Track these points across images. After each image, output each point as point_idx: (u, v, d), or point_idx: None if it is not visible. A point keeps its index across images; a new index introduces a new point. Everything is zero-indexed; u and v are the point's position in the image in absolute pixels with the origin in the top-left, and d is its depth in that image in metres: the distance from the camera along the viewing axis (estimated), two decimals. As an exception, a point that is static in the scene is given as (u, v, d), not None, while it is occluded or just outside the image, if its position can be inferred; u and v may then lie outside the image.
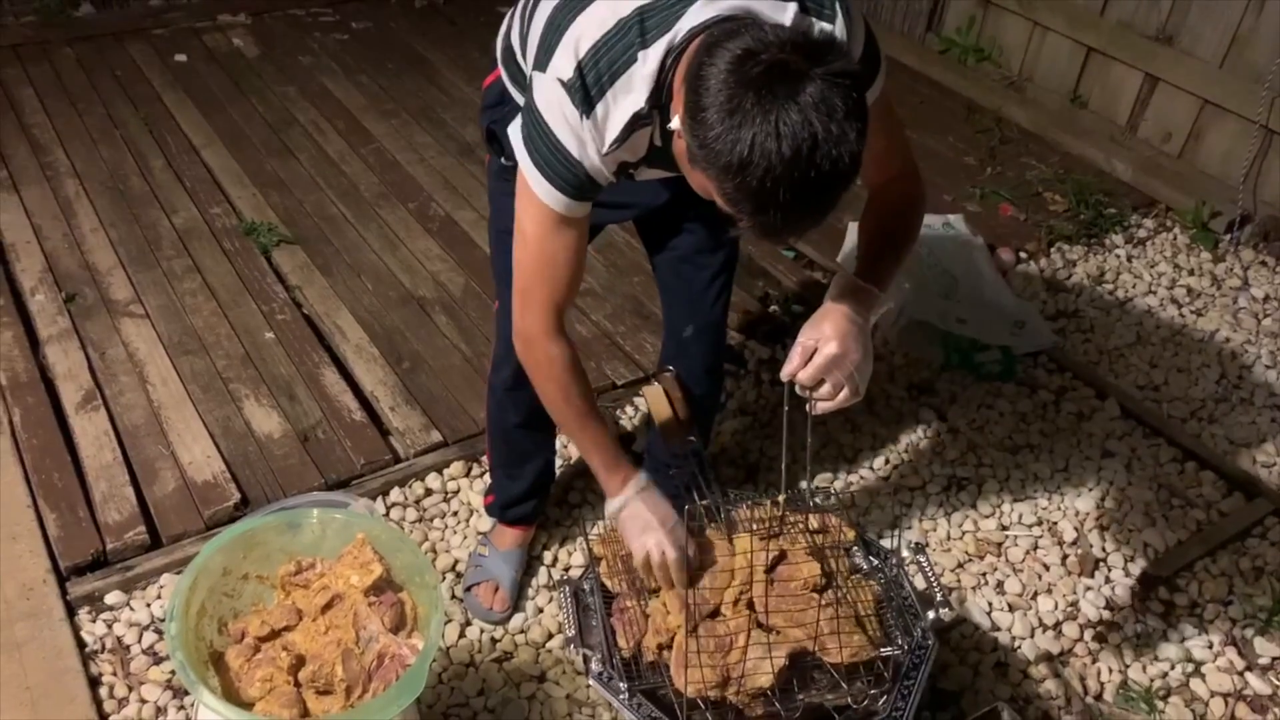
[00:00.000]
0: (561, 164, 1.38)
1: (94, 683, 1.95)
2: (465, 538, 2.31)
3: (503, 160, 1.74)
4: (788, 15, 1.29)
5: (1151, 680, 2.10)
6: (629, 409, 2.63)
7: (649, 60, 1.28)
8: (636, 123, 1.33)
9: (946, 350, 2.83)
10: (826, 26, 1.33)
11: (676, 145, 1.30)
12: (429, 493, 2.40)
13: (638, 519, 1.59)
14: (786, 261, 3.19)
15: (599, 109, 1.33)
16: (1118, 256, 3.36)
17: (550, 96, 1.35)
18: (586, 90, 1.32)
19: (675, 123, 1.24)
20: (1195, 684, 2.10)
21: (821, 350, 1.43)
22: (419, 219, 3.28)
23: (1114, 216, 3.52)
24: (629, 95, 1.31)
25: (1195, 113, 3.62)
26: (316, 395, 2.58)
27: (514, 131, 1.46)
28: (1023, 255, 3.31)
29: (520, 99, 1.58)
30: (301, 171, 3.49)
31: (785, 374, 1.46)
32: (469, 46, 4.38)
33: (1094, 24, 3.85)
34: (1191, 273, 3.32)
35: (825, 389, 1.45)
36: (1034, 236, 3.39)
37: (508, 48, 1.62)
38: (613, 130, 1.34)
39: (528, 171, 1.42)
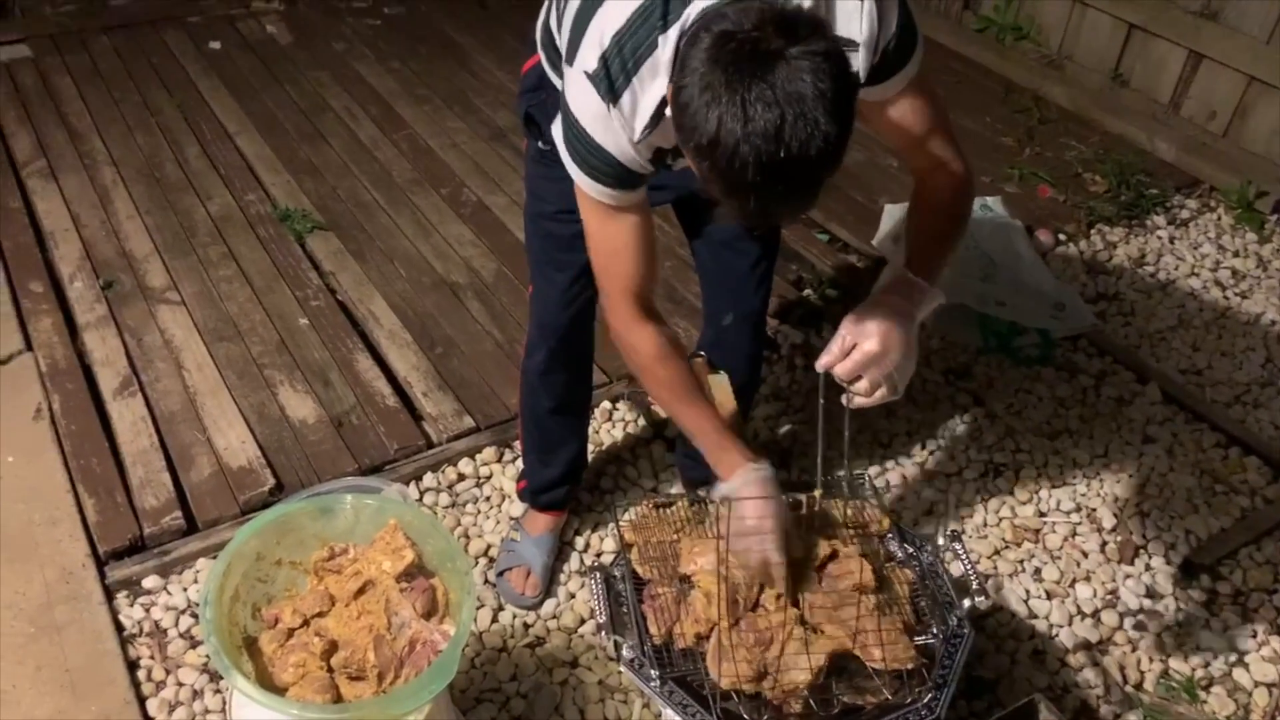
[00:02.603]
0: (596, 158, 1.38)
1: (132, 666, 1.98)
2: (498, 523, 2.31)
3: (540, 144, 1.73)
4: None
5: (1193, 670, 2.06)
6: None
7: (669, 44, 1.26)
8: (665, 107, 1.31)
9: (984, 334, 2.79)
10: (848, 9, 1.28)
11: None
12: (461, 478, 2.40)
13: (741, 520, 1.51)
14: (820, 245, 3.15)
15: (625, 97, 1.31)
16: (1159, 238, 3.30)
17: (578, 90, 1.35)
18: (611, 80, 1.30)
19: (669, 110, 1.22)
20: (1239, 674, 2.06)
21: (861, 346, 1.41)
22: (451, 204, 3.28)
23: (1156, 197, 3.45)
24: (655, 80, 1.29)
25: (1241, 90, 3.54)
26: (350, 381, 2.59)
27: (556, 128, 1.45)
28: (1062, 237, 3.25)
29: (558, 83, 1.57)
30: (334, 157, 3.50)
31: (821, 365, 1.44)
32: (501, 31, 4.37)
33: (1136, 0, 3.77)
34: (1236, 254, 3.25)
35: (862, 385, 1.43)
36: (1073, 218, 3.33)
37: (546, 31, 1.61)
38: (642, 116, 1.33)
39: (570, 168, 1.42)
